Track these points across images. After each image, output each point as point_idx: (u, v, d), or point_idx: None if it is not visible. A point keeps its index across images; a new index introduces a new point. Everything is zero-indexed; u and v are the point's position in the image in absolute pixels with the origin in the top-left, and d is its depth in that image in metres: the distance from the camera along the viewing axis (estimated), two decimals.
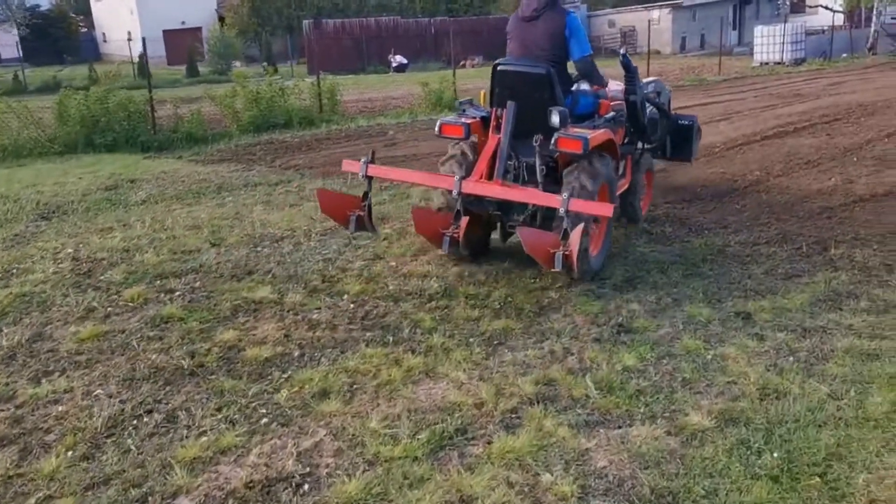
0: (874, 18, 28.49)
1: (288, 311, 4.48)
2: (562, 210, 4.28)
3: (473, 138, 5.12)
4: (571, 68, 5.21)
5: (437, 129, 5.08)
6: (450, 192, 4.72)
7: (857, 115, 12.09)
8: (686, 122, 6.80)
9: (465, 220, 4.72)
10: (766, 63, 26.18)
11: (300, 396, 3.50)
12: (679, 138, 6.73)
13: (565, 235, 4.27)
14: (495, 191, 4.66)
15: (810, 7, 37.93)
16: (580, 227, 4.25)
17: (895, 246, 5.48)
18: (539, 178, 4.79)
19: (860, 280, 4.86)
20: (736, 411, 3.31)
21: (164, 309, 4.50)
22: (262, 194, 7.72)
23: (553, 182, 4.83)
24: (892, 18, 28.63)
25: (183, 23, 46.74)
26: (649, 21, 28.11)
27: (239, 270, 5.22)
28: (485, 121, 5.12)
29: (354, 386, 3.60)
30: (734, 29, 41.23)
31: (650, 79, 6.78)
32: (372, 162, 4.93)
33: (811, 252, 5.44)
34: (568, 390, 3.53)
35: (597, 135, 4.78)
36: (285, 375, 3.70)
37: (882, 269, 5.02)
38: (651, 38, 39.56)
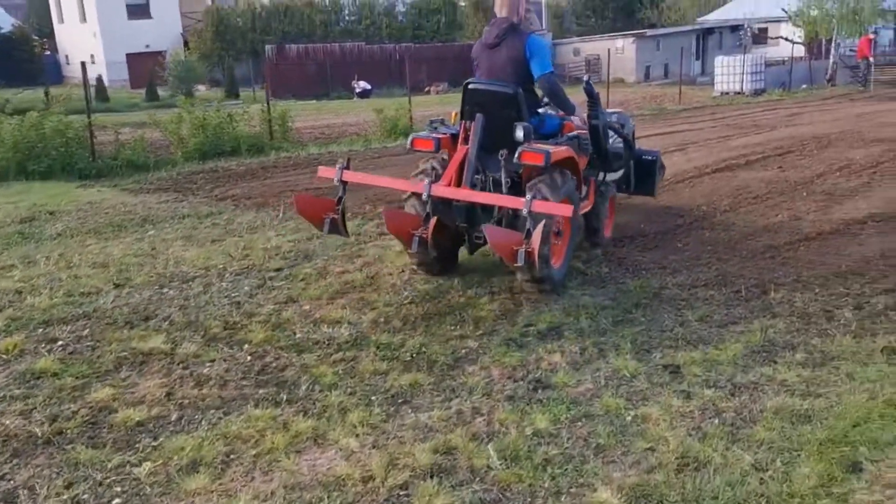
0: (833, 50, 28.85)
1: (177, 365, 4.09)
2: (525, 211, 4.59)
3: (444, 154, 5.42)
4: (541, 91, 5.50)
5: (408, 143, 5.46)
6: (420, 195, 5.01)
7: (811, 148, 11.99)
8: (650, 157, 7.07)
9: (433, 220, 4.87)
10: (727, 93, 26.31)
11: (165, 470, 3.10)
12: (642, 173, 7.01)
13: (528, 234, 4.56)
14: (462, 194, 5.01)
15: (772, 38, 38.45)
16: (541, 224, 4.55)
17: (837, 290, 5.23)
18: (504, 190, 5.15)
19: (798, 328, 4.59)
20: (650, 486, 2.98)
21: (38, 362, 4.08)
22: (186, 228, 7.32)
23: (518, 194, 5.02)
24: (851, 50, 28.99)
25: (147, 46, 46.21)
26: (609, 50, 28.11)
27: (136, 316, 4.81)
28: (454, 137, 5.41)
29: (230, 456, 3.22)
30: (697, 59, 41.63)
31: (614, 110, 7.16)
32: (347, 168, 5.17)
33: (750, 296, 5.17)
34: (468, 460, 3.18)
35: (558, 150, 5.13)
36: (155, 443, 3.30)
37: (822, 317, 4.75)
38: (615, 66, 39.88)
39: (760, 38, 42.80)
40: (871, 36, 27.15)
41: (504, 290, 5.29)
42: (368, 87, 32.05)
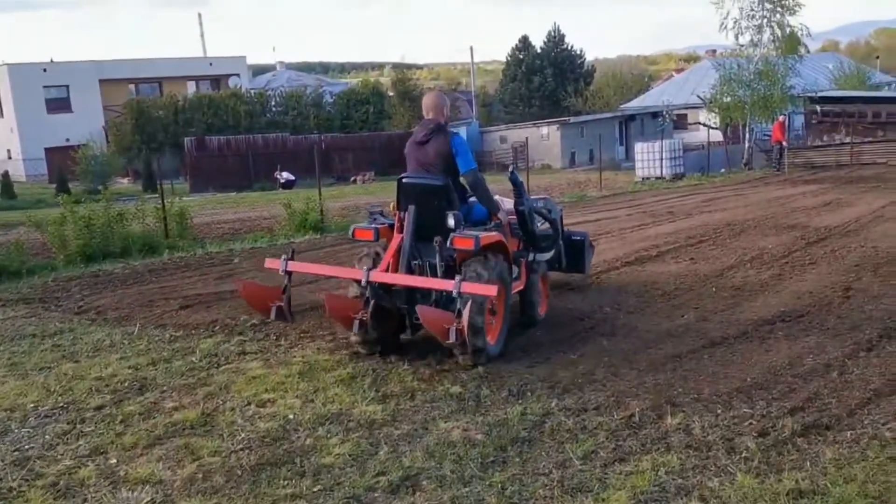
0: (747, 135, 29.59)
1: None
2: (455, 292, 5.13)
3: (383, 243, 5.95)
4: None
5: (350, 233, 6.04)
6: (359, 281, 5.55)
7: (724, 236, 11.71)
8: (578, 238, 7.80)
9: (372, 303, 5.42)
10: (648, 178, 26.56)
11: None
12: (572, 252, 7.67)
13: (459, 314, 5.12)
14: (398, 279, 5.59)
15: (691, 124, 39.53)
16: (469, 304, 5.10)
17: (740, 410, 4.61)
18: (440, 274, 5.60)
19: (695, 465, 3.92)
20: None
21: None
22: (20, 351, 6.38)
23: (452, 278, 5.32)
24: (765, 135, 29.79)
25: (67, 140, 45.13)
26: (534, 137, 28.28)
27: None
28: (392, 227, 5.93)
29: None
30: (621, 144, 42.50)
31: (540, 196, 7.91)
32: (292, 259, 5.84)
33: (644, 421, 4.51)
34: None
35: (488, 235, 5.67)
36: None
37: (721, 447, 4.10)
38: (542, 153, 40.52)
39: (680, 123, 44.07)
40: (782, 119, 27.94)
41: (363, 426, 4.52)
42: (292, 177, 31.56)
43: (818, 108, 30.87)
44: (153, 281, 10.09)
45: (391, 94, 45.35)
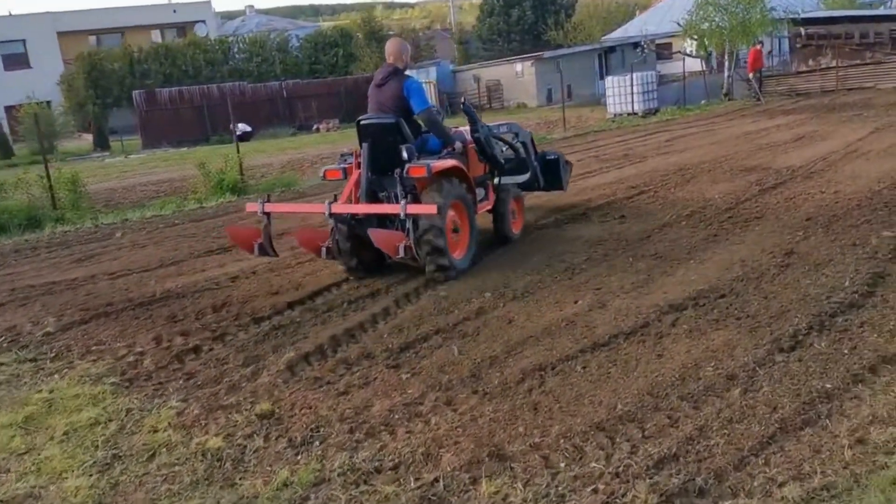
0: (727, 63, 27.80)
1: None
2: (402, 213, 5.78)
3: None
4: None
5: (321, 174, 6.83)
6: (323, 214, 6.18)
7: (671, 184, 10.30)
8: (552, 157, 8.33)
9: (342, 230, 6.25)
10: (620, 115, 24.93)
11: None
12: (548, 171, 8.22)
13: (408, 233, 5.78)
14: (354, 208, 6.20)
15: (674, 53, 37.53)
16: (409, 224, 5.80)
17: (589, 465, 3.32)
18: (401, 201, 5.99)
19: None
20: None
21: None
22: None
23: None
24: (745, 63, 27.97)
25: (28, 97, 43.22)
26: (509, 75, 26.56)
27: None
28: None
29: None
30: (601, 78, 40.50)
31: (503, 121, 8.28)
32: (268, 201, 6.49)
33: (449, 490, 3.21)
34: None
35: (440, 163, 6.26)
36: None
37: None
38: (517, 91, 38.70)
39: (664, 54, 42.07)
40: (759, 47, 26.14)
41: None
42: (249, 129, 29.92)
43: (802, 30, 28.93)
44: (10, 265, 8.77)
45: (359, 34, 43.13)
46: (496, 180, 7.51)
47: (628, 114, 24.86)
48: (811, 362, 4.18)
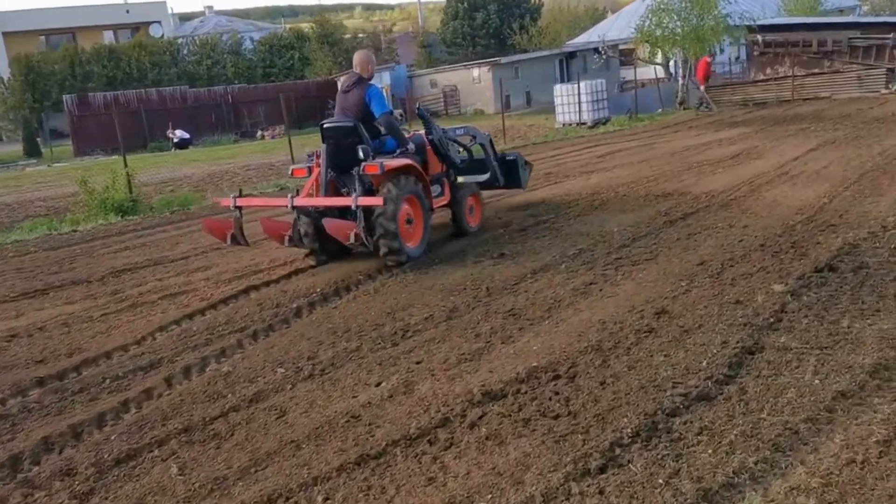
0: (679, 71, 26.95)
1: None
2: (353, 205, 6.69)
3: None
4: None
5: (290, 172, 7.89)
6: (286, 206, 7.12)
7: (576, 212, 9.30)
8: (511, 157, 9.18)
9: (302, 221, 7.22)
10: (569, 124, 24.00)
11: None
12: (507, 171, 9.05)
13: (359, 222, 6.62)
14: (313, 201, 7.10)
15: (640, 61, 36.68)
16: (360, 214, 6.66)
17: None
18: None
19: None
20: None
21: None
22: None
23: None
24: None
25: None
26: (465, 80, 25.55)
27: None
28: None
29: None
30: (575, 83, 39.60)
31: (462, 126, 9.22)
32: (240, 195, 7.52)
33: None
34: None
35: (393, 162, 7.08)
36: None
37: None
38: (474, 97, 37.68)
39: (627, 60, 41.26)
40: (708, 59, 25.27)
41: None
42: (187, 136, 28.69)
43: (760, 38, 28.13)
44: None
45: (311, 39, 41.92)
46: (460, 179, 8.44)
47: (577, 124, 23.93)
48: (613, 496, 3.14)
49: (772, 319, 5.01)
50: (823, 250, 6.59)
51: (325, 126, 7.25)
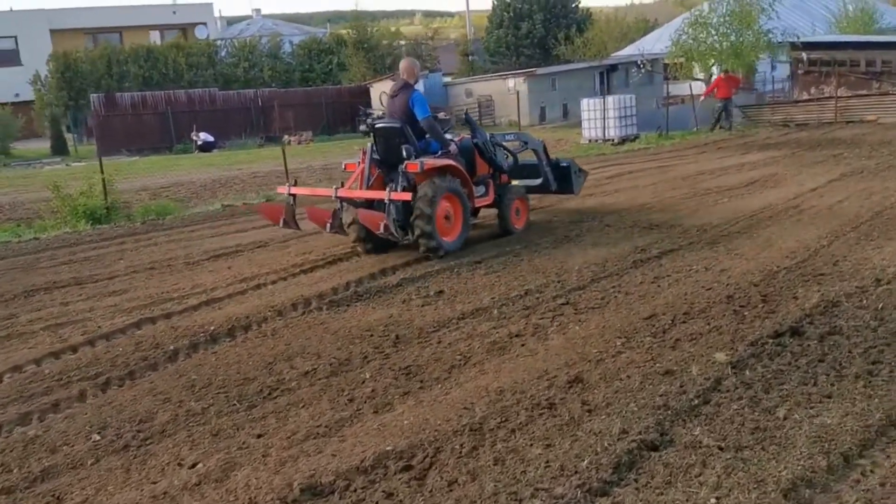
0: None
1: None
2: (386, 198, 7.40)
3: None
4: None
5: (343, 166, 8.56)
6: (330, 197, 7.92)
7: (547, 244, 8.44)
8: (565, 164, 9.68)
9: (336, 208, 7.88)
10: (595, 140, 23.01)
11: None
12: (560, 176, 9.59)
13: (388, 214, 7.28)
14: (354, 193, 7.92)
15: (675, 75, 35.38)
16: (390, 207, 7.38)
17: None
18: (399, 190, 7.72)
19: None
20: None
21: None
22: None
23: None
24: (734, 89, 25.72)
25: (17, 95, 42.31)
26: (501, 90, 24.79)
27: None
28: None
29: None
30: (601, 97, 38.51)
31: (511, 132, 11.25)
32: (295, 185, 8.46)
33: None
34: None
35: (433, 161, 7.73)
36: None
37: None
38: (509, 108, 36.75)
39: (671, 75, 39.94)
40: (732, 73, 23.87)
41: None
42: (211, 138, 28.42)
43: (805, 55, 26.70)
44: None
45: (347, 44, 41.55)
46: (513, 182, 9.08)
47: (604, 140, 22.91)
48: None
49: (696, 401, 4.13)
50: (796, 307, 5.65)
51: (375, 126, 8.10)
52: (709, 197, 11.21)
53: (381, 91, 35.22)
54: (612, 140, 22.76)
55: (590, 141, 23.32)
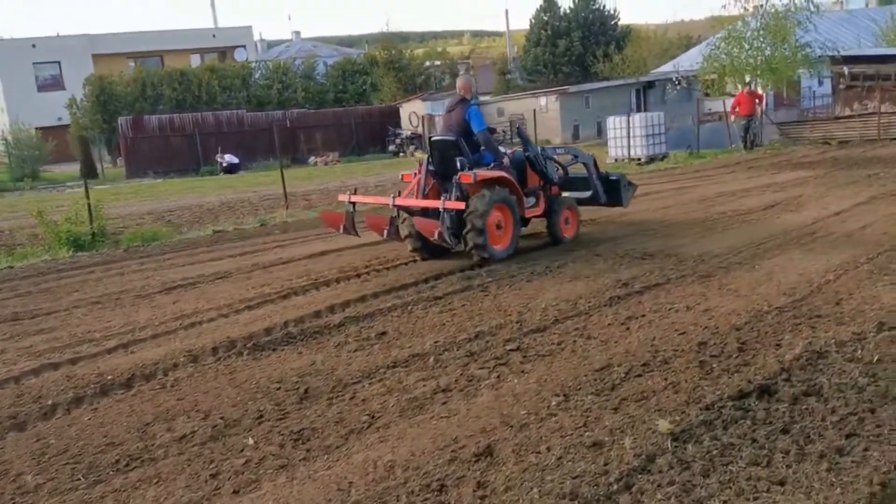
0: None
1: None
2: (441, 207, 7.74)
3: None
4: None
5: (399, 176, 9.10)
6: (388, 205, 8.36)
7: (525, 274, 7.69)
8: (614, 178, 10.04)
9: (394, 217, 8.26)
10: (622, 159, 22.12)
11: None
12: (610, 189, 9.89)
13: (442, 222, 7.62)
14: (409, 202, 8.33)
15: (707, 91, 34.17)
16: (444, 215, 7.69)
17: None
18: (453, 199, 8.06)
19: None
20: None
21: None
22: None
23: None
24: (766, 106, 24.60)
25: (59, 119, 43.06)
26: (533, 109, 24.11)
27: None
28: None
29: None
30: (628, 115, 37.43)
31: (561, 146, 12.26)
32: (355, 193, 8.86)
33: None
34: None
35: (485, 172, 8.08)
36: None
37: None
38: (541, 126, 35.95)
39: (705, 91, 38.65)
40: (755, 90, 22.72)
41: None
42: (235, 160, 28.27)
43: (846, 69, 25.41)
44: None
45: (377, 65, 41.30)
46: (564, 194, 9.36)
47: (631, 159, 22.01)
48: None
49: (615, 486, 3.37)
50: (774, 359, 4.82)
51: (431, 139, 8.61)
52: (720, 222, 10.32)
53: (410, 111, 34.80)
54: (639, 159, 21.85)
55: (616, 160, 22.43)
